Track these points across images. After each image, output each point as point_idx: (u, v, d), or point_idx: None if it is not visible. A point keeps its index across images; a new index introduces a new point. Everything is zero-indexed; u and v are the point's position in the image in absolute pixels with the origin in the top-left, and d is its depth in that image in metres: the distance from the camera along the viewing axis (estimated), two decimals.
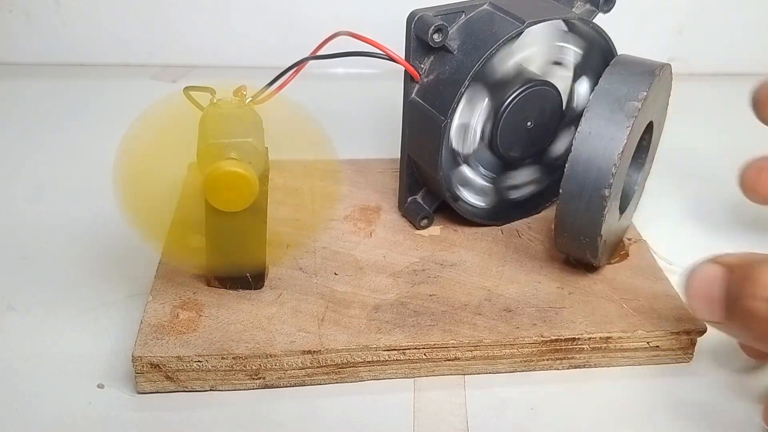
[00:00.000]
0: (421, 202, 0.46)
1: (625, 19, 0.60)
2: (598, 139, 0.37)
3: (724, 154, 0.59)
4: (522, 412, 0.37)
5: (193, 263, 0.40)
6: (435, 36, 0.39)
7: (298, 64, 0.40)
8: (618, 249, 0.44)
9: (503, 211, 0.46)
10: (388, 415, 0.36)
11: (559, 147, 0.46)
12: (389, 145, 0.50)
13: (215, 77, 0.65)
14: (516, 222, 0.46)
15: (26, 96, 0.65)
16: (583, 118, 0.37)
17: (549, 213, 0.47)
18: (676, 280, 0.42)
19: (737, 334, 0.34)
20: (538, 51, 0.42)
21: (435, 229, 0.46)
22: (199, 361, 0.36)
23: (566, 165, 0.37)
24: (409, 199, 0.46)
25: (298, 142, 0.41)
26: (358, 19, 0.65)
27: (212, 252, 0.39)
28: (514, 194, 0.46)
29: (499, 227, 0.46)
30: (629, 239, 0.45)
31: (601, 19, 0.43)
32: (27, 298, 0.42)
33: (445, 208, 0.46)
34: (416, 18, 0.39)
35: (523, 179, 0.46)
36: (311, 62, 0.41)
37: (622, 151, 0.36)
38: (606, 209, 0.37)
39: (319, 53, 0.41)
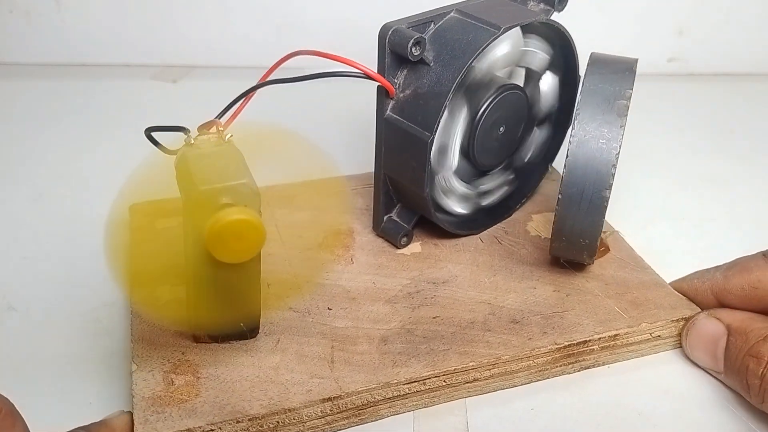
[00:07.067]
0: (398, 220, 0.44)
1: (625, 19, 0.60)
2: (593, 141, 0.36)
3: (723, 154, 0.59)
4: (522, 412, 0.36)
5: (169, 319, 0.37)
6: (414, 49, 0.37)
7: (248, 93, 0.37)
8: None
9: (478, 219, 0.45)
10: None
11: (526, 148, 0.46)
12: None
13: (215, 77, 0.67)
14: (492, 229, 0.46)
15: (26, 96, 0.64)
16: (575, 122, 0.37)
17: (519, 215, 0.47)
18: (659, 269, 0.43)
19: (734, 386, 0.37)
20: (505, 55, 0.41)
21: (415, 246, 0.44)
22: (212, 429, 0.33)
23: (564, 170, 0.37)
24: (385, 217, 0.44)
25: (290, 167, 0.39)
26: (358, 19, 0.63)
27: (203, 307, 0.35)
28: (487, 200, 0.45)
29: (478, 236, 0.45)
30: (604, 232, 0.45)
31: (601, 20, 0.42)
32: (27, 298, 0.42)
33: (421, 224, 0.44)
34: (391, 31, 0.37)
35: (495, 184, 0.45)
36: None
37: (619, 151, 0.36)
38: (606, 210, 0.37)
39: (287, 72, 0.38)
